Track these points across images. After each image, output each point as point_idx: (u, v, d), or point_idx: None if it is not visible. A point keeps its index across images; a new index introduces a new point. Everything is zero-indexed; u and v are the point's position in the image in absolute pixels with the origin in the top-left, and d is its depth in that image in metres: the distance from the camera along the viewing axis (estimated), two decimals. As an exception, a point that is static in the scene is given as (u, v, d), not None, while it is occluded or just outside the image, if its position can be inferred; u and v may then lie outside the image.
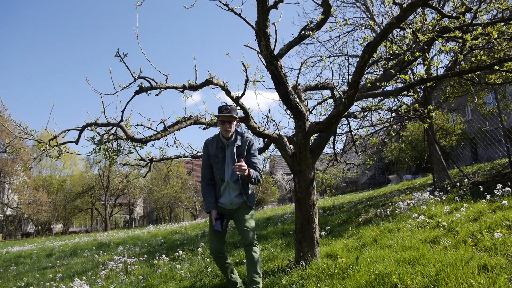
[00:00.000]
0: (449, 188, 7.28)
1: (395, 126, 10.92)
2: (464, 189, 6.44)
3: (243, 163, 3.14)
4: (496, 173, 9.08)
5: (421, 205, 5.76)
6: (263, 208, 21.51)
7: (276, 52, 3.61)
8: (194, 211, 30.03)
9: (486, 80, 5.75)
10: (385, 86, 5.24)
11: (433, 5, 4.89)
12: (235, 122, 3.43)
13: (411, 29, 4.65)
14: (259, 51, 3.60)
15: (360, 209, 8.45)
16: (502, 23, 4.85)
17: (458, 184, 7.36)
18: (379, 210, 6.45)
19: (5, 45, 57.51)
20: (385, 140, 12.08)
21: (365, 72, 5.03)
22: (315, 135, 4.40)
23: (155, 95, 3.70)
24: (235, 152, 3.39)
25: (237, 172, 3.14)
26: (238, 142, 3.43)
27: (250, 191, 3.45)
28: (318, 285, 3.15)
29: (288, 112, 5.22)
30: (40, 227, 30.00)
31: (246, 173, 3.14)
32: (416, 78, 4.31)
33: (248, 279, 3.19)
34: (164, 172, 28.28)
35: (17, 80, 62.03)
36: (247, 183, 3.42)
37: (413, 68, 8.06)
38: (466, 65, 6.44)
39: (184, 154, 4.80)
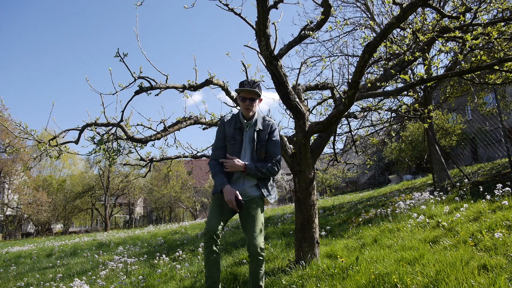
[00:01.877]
0: (449, 188, 7.28)
1: (395, 126, 10.94)
2: (464, 189, 6.44)
3: (231, 161, 2.87)
4: (496, 173, 9.08)
5: (421, 205, 5.75)
6: (263, 208, 21.47)
7: (276, 52, 3.61)
8: (194, 211, 30.05)
9: (486, 80, 5.76)
10: (385, 86, 5.24)
11: (433, 5, 4.88)
12: (257, 101, 3.00)
13: (411, 29, 4.65)
14: (259, 51, 3.60)
15: (360, 209, 8.45)
16: (502, 23, 4.85)
17: (458, 184, 7.35)
18: (379, 210, 6.45)
19: (5, 45, 57.61)
20: (385, 140, 12.10)
21: (365, 72, 5.03)
22: (315, 135, 4.40)
23: (155, 95, 3.71)
24: (255, 137, 2.98)
25: (228, 170, 2.86)
26: (260, 126, 3.01)
27: (268, 182, 3.02)
28: (318, 285, 3.15)
29: (288, 112, 5.23)
30: (40, 227, 30.00)
31: (239, 169, 2.83)
32: (416, 78, 4.31)
33: None
34: (164, 172, 28.24)
35: (17, 80, 62.14)
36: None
37: (413, 68, 8.06)
38: (466, 65, 6.45)
39: (184, 154, 4.81)
